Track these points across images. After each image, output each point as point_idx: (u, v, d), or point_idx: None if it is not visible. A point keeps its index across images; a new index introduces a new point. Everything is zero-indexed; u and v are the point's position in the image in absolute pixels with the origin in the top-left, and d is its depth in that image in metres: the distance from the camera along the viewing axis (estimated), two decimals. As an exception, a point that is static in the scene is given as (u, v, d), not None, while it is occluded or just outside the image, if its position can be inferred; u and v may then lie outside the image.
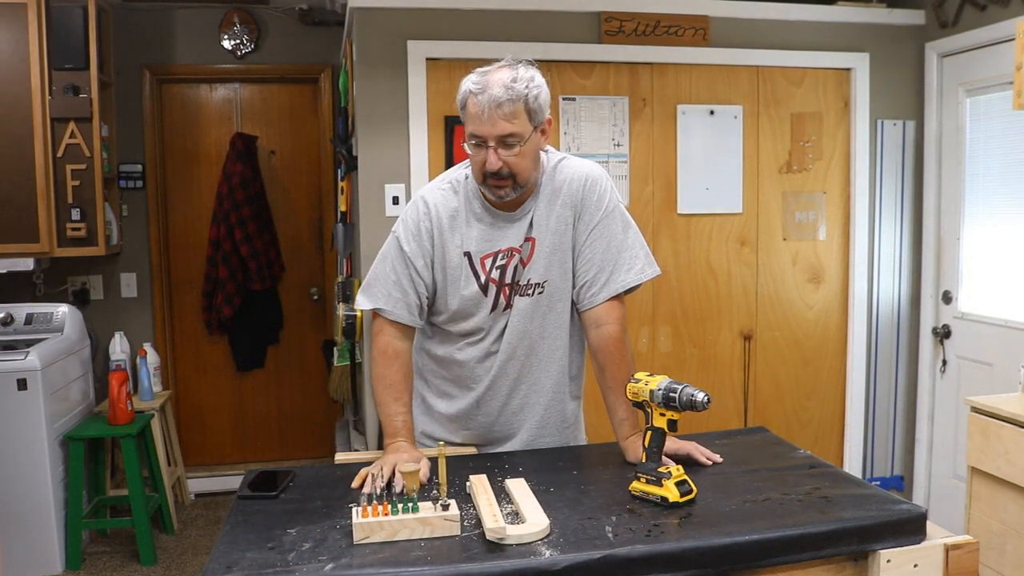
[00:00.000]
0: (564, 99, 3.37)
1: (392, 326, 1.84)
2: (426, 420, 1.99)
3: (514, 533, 1.33)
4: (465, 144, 1.76)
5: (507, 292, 1.84)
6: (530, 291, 1.85)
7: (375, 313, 1.86)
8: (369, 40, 3.23)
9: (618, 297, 1.86)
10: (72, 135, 3.65)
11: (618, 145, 3.45)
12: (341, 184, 3.88)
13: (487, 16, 3.30)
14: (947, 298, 3.64)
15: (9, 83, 3.56)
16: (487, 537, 1.33)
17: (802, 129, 3.62)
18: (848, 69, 3.63)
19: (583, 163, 1.89)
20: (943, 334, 3.64)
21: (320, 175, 4.52)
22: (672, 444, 1.69)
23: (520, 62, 1.74)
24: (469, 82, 1.73)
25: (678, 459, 1.65)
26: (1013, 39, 2.70)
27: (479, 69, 1.75)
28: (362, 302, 1.88)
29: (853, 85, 3.63)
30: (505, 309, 1.85)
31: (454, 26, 3.28)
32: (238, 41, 4.28)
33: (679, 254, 3.54)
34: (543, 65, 1.84)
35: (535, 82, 1.72)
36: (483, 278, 1.83)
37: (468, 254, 1.83)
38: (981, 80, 3.39)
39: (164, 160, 4.36)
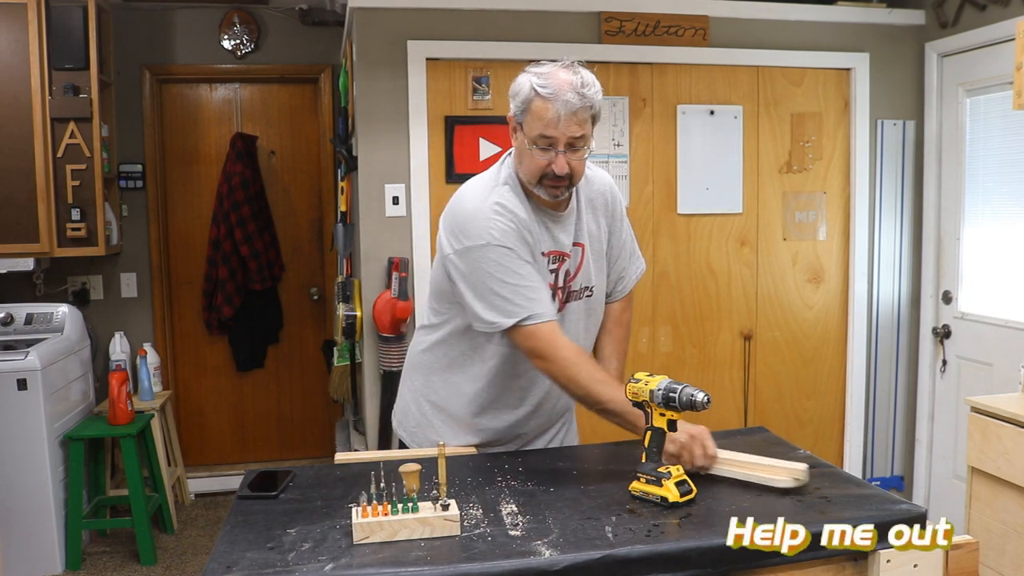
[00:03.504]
0: (564, 99, 3.36)
1: (546, 327, 1.71)
2: (443, 427, 1.94)
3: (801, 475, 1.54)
4: (529, 146, 1.71)
5: (560, 295, 1.85)
6: (581, 295, 1.89)
7: (512, 330, 1.71)
8: (369, 40, 3.23)
9: None
10: (72, 135, 3.65)
11: (618, 145, 3.44)
12: (341, 184, 3.88)
13: (487, 16, 3.30)
14: (947, 298, 3.64)
15: (9, 83, 3.56)
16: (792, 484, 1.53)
17: (802, 129, 3.62)
18: (848, 69, 3.63)
19: (601, 171, 1.99)
20: (943, 334, 3.64)
21: (320, 175, 4.52)
22: (682, 432, 1.62)
23: (576, 64, 1.73)
24: (531, 83, 1.69)
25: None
26: (1013, 39, 2.70)
27: (534, 69, 1.72)
28: (501, 322, 1.72)
29: (853, 85, 3.63)
30: (559, 313, 1.84)
31: (454, 26, 3.28)
32: (238, 41, 4.28)
33: (679, 254, 3.54)
34: (543, 66, 1.83)
35: (597, 87, 1.72)
36: (548, 280, 1.83)
37: (544, 254, 1.82)
38: (981, 80, 3.39)
39: (164, 160, 4.35)
